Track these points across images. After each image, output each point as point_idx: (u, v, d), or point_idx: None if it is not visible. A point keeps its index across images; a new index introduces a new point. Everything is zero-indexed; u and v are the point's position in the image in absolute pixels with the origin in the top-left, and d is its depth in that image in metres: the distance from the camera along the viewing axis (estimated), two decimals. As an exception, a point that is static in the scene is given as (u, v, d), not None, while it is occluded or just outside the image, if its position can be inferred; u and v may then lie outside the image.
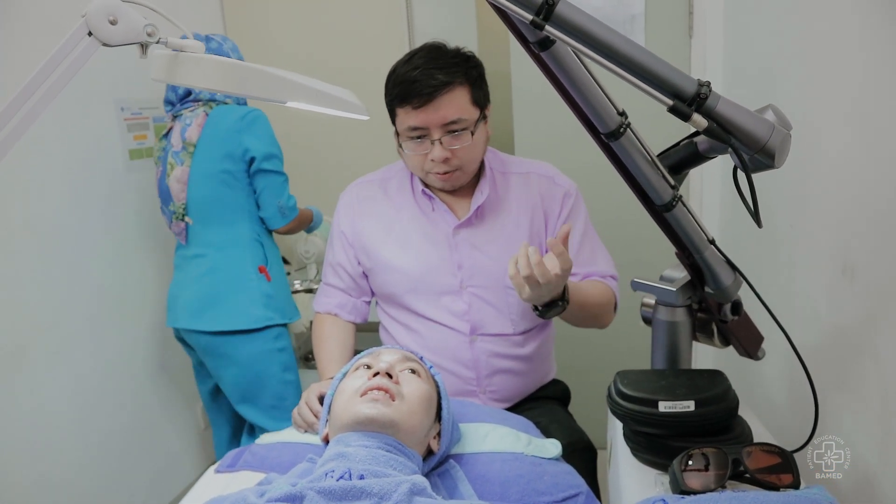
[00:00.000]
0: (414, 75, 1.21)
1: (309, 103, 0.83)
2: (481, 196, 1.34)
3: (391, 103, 1.27)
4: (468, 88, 1.25)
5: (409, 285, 1.36)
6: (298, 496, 0.77)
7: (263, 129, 1.85)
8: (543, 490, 0.95)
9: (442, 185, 1.33)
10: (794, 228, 1.25)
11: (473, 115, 1.26)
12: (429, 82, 1.20)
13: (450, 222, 1.35)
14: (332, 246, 1.48)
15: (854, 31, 1.02)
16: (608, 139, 0.82)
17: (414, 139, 1.26)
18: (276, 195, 1.88)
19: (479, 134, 1.28)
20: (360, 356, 1.06)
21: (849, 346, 1.01)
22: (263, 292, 1.87)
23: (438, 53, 1.25)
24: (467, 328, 1.34)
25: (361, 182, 1.47)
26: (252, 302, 1.86)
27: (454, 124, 1.23)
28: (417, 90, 1.20)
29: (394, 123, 1.31)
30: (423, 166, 1.29)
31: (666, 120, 1.08)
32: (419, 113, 1.22)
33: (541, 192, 1.37)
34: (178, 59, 0.78)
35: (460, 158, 1.27)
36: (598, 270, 1.37)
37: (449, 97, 1.22)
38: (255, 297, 1.86)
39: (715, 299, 0.99)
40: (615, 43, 0.69)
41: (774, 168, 0.75)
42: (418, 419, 0.92)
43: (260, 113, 1.86)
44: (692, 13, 2.12)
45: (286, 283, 2.00)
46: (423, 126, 1.23)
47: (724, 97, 0.72)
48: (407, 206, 1.39)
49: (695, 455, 0.83)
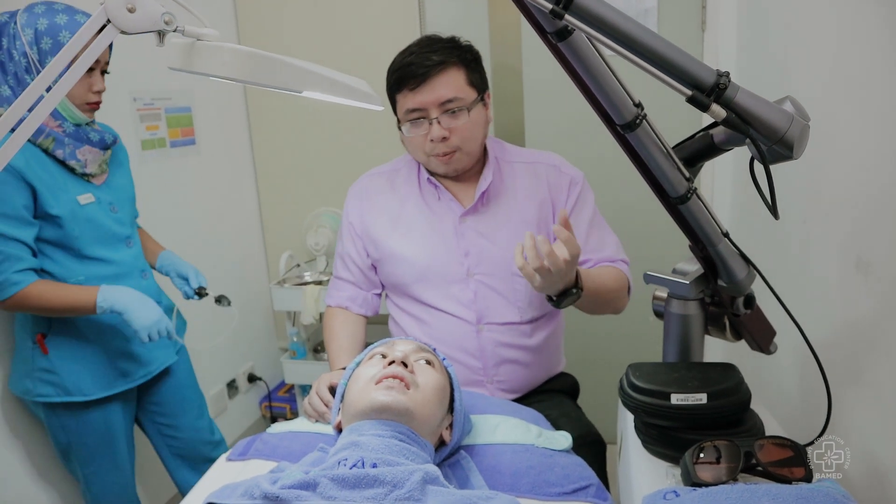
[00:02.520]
0: (409, 60, 1.26)
1: (324, 93, 0.83)
2: (485, 182, 1.35)
3: (390, 91, 1.31)
4: (463, 70, 1.28)
5: (416, 275, 1.37)
6: (312, 483, 0.78)
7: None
8: (554, 481, 0.96)
9: (444, 169, 1.34)
10: (808, 223, 1.24)
11: (470, 96, 1.29)
12: (423, 63, 1.25)
13: (456, 210, 1.36)
14: (341, 238, 1.49)
15: (867, 24, 1.01)
16: (624, 130, 0.81)
17: (413, 122, 1.29)
18: None
19: (476, 114, 1.30)
20: (375, 346, 1.06)
21: (862, 341, 1.00)
22: (37, 365, 1.48)
23: (432, 40, 1.30)
24: (474, 317, 1.34)
25: (371, 174, 1.49)
26: (26, 374, 1.50)
27: (450, 103, 1.26)
28: (413, 72, 1.25)
29: (395, 114, 1.34)
30: (424, 148, 1.31)
31: (680, 112, 1.08)
32: (416, 94, 1.26)
33: (548, 181, 1.38)
34: (195, 47, 0.78)
35: (459, 137, 1.29)
36: (609, 256, 1.38)
37: (444, 77, 1.25)
38: (28, 368, 1.49)
39: (728, 293, 0.99)
40: (634, 32, 0.68)
41: (793, 159, 0.75)
42: (432, 408, 0.93)
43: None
44: (705, 7, 2.11)
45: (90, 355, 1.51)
46: (420, 107, 1.27)
47: (743, 88, 0.72)
48: (413, 196, 1.40)
49: (707, 447, 0.83)
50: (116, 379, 1.55)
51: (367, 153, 2.08)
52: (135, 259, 1.59)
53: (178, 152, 2.23)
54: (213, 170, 2.43)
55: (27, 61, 1.33)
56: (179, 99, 2.23)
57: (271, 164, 2.66)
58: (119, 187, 1.58)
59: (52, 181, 1.39)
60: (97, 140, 1.46)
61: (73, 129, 1.41)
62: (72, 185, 1.43)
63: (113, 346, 1.54)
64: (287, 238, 2.63)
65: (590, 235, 1.37)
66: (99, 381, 1.52)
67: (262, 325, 2.77)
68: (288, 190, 2.65)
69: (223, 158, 2.51)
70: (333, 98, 0.85)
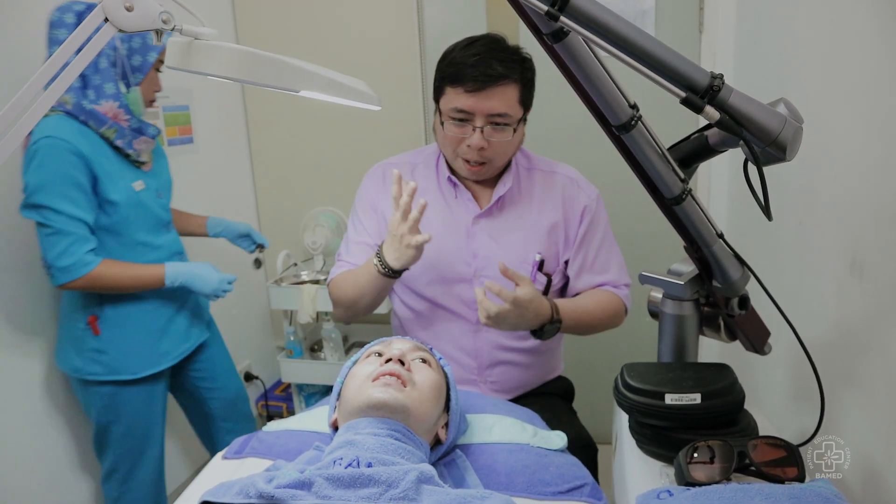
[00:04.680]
0: (473, 60, 1.23)
1: (322, 93, 0.83)
2: (503, 187, 1.36)
3: (442, 80, 1.29)
4: (519, 87, 1.27)
5: (423, 270, 1.36)
6: (307, 482, 0.78)
7: (38, 167, 1.41)
8: (549, 481, 0.96)
9: (468, 174, 1.34)
10: (803, 224, 1.25)
11: (518, 114, 1.28)
12: (486, 70, 1.22)
13: (471, 210, 1.37)
14: (357, 223, 1.44)
15: (864, 27, 1.01)
16: (619, 131, 0.82)
17: (456, 121, 1.27)
18: (42, 249, 1.47)
19: (518, 133, 1.31)
20: (372, 344, 1.07)
21: (856, 342, 1.01)
22: (88, 345, 1.59)
23: (499, 46, 1.27)
24: (474, 317, 1.35)
25: (390, 163, 1.47)
26: (76, 352, 1.60)
27: (499, 117, 1.25)
28: (473, 75, 1.22)
29: (436, 101, 1.32)
30: (457, 149, 1.30)
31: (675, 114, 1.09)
32: (469, 97, 1.24)
33: (563, 193, 1.39)
34: (192, 46, 0.78)
35: (494, 151, 1.29)
36: (610, 280, 1.39)
37: (501, 90, 1.24)
38: (79, 347, 1.60)
39: (722, 294, 1.00)
40: (629, 34, 0.69)
41: (786, 161, 0.76)
42: (428, 406, 0.93)
43: (48, 144, 1.40)
44: (703, 9, 2.11)
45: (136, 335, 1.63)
46: (469, 111, 1.25)
47: (737, 90, 0.72)
48: (431, 191, 1.40)
49: (700, 447, 0.83)
50: (160, 357, 1.68)
51: (365, 153, 2.08)
52: (173, 242, 1.73)
53: (176, 150, 2.22)
54: (211, 168, 2.43)
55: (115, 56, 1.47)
56: (177, 97, 2.23)
57: (269, 162, 2.66)
58: (161, 174, 1.71)
59: (111, 168, 1.51)
60: (150, 132, 1.59)
61: (137, 124, 1.55)
62: (127, 172, 1.56)
63: (156, 326, 1.67)
64: (284, 237, 2.63)
65: (597, 257, 1.39)
66: (144, 360, 1.65)
67: (259, 323, 2.76)
68: (285, 189, 2.65)
69: (221, 157, 2.50)
70: (331, 98, 0.85)
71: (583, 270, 1.39)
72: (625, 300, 1.40)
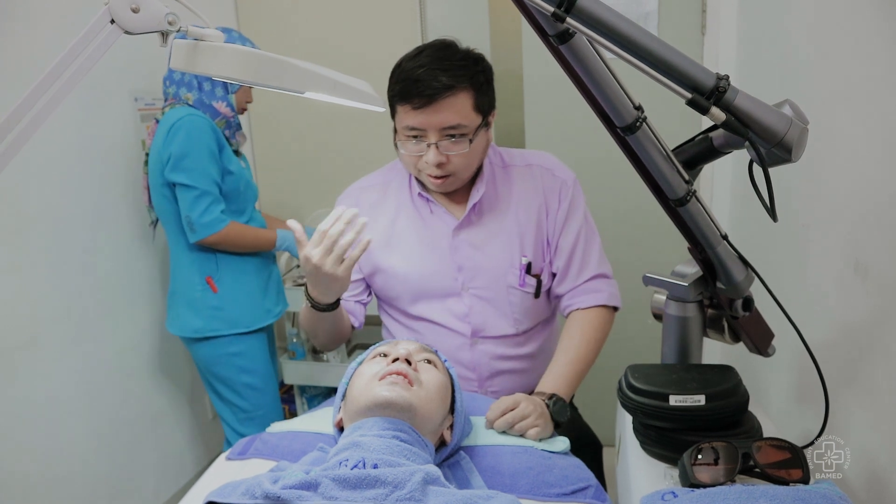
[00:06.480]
0: (418, 74, 1.17)
1: (326, 94, 0.83)
2: (477, 194, 1.32)
3: (392, 99, 1.24)
4: (472, 93, 1.21)
5: (410, 291, 1.35)
6: (313, 483, 0.78)
7: (186, 137, 1.74)
8: (553, 482, 0.96)
9: (436, 188, 1.30)
10: (806, 226, 1.25)
11: (474, 122, 1.22)
12: (431, 84, 1.16)
13: (449, 223, 1.33)
14: None
15: (867, 28, 1.01)
16: (624, 133, 0.82)
17: (411, 139, 1.23)
18: (186, 208, 1.78)
19: (478, 141, 1.25)
20: (377, 346, 1.07)
21: (860, 344, 1.01)
22: (208, 304, 1.87)
23: (446, 53, 1.21)
24: (468, 330, 1.33)
25: (362, 187, 1.43)
26: (195, 313, 1.88)
27: (453, 129, 1.20)
28: (419, 90, 1.17)
29: (393, 119, 1.28)
30: (417, 165, 1.26)
31: (680, 115, 1.09)
32: (418, 114, 1.19)
33: (543, 185, 1.35)
34: (197, 48, 0.78)
35: (455, 165, 1.24)
36: (591, 274, 1.34)
37: (451, 101, 1.18)
38: (198, 307, 1.88)
39: (726, 295, 1.00)
40: (635, 36, 0.69)
41: (791, 162, 0.76)
42: (434, 407, 0.93)
43: (190, 120, 1.75)
44: (705, 11, 2.12)
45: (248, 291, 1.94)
46: (420, 127, 1.20)
47: (742, 91, 0.73)
48: (405, 210, 1.36)
49: (704, 449, 0.83)
50: (265, 313, 1.98)
51: (367, 154, 2.08)
52: (261, 220, 2.03)
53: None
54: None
55: None
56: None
57: (271, 164, 2.66)
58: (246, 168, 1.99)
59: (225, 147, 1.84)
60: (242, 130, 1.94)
61: (237, 121, 1.89)
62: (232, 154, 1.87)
63: (259, 285, 1.97)
64: (287, 239, 2.62)
65: (573, 254, 1.33)
66: (256, 315, 1.94)
67: (262, 325, 2.77)
68: (288, 191, 2.65)
69: (223, 159, 2.51)
70: (335, 99, 0.85)
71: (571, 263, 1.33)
72: (608, 301, 1.33)
